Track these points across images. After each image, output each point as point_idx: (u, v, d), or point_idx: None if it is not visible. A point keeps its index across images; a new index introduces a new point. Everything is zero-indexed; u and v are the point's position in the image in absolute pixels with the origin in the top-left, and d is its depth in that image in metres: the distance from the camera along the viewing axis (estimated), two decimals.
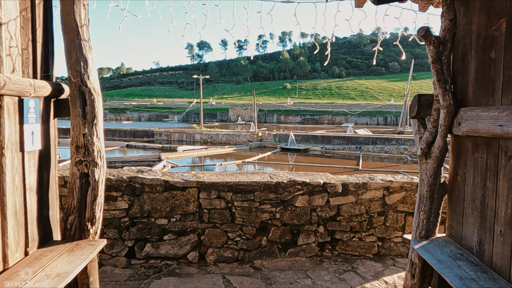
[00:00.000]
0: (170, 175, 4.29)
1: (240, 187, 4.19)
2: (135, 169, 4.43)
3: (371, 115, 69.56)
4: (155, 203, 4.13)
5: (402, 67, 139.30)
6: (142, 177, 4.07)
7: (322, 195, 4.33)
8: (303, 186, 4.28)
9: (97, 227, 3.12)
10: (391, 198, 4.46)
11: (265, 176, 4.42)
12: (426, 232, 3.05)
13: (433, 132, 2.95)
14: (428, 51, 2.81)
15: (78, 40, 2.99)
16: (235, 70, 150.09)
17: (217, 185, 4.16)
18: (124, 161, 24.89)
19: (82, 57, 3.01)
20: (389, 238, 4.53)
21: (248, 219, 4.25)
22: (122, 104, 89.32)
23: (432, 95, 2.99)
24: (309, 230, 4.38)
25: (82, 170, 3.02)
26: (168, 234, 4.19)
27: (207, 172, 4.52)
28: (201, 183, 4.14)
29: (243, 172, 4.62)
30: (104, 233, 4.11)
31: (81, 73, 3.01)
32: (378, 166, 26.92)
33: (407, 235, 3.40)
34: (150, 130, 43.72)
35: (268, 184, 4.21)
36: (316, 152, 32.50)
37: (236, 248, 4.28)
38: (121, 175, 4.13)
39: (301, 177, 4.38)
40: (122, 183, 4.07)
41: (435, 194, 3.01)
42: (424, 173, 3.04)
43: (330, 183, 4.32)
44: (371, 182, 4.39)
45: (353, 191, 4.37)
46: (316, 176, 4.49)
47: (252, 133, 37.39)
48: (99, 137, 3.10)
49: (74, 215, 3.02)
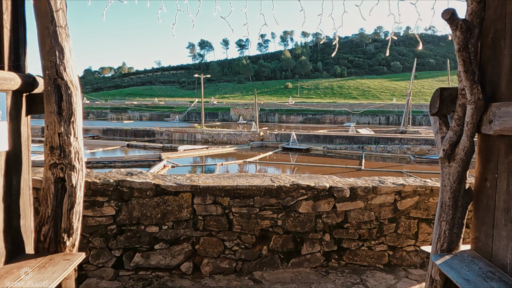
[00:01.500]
0: (162, 178, 3.92)
1: (239, 191, 3.82)
2: (124, 172, 4.07)
3: (373, 115, 69.18)
4: (145, 209, 3.76)
5: (404, 66, 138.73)
6: (130, 181, 3.71)
7: (328, 200, 3.96)
8: (307, 190, 3.90)
9: (75, 239, 2.76)
10: (403, 203, 4.08)
11: (266, 179, 4.05)
12: (448, 245, 2.67)
13: (457, 131, 2.58)
14: (454, 38, 2.43)
15: (53, 27, 2.63)
16: (237, 70, 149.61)
17: (213, 190, 3.78)
18: (124, 160, 24.60)
19: (57, 46, 2.65)
20: (400, 246, 4.15)
21: (247, 227, 3.88)
22: (123, 103, 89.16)
23: (457, 89, 2.61)
24: (313, 238, 4.01)
25: (57, 174, 2.66)
26: (160, 243, 3.82)
27: (203, 175, 4.15)
28: (195, 188, 3.77)
29: (242, 174, 4.25)
30: (89, 242, 3.75)
31: (56, 64, 2.64)
32: (381, 166, 26.57)
33: (425, 247, 3.02)
34: (151, 129, 43.47)
35: (269, 189, 3.84)
36: (318, 152, 32.16)
37: (233, 258, 3.91)
38: (107, 178, 3.76)
39: (305, 181, 4.01)
40: (108, 187, 3.71)
41: (459, 201, 2.64)
42: (446, 178, 2.66)
43: (337, 187, 3.95)
44: (382, 186, 4.01)
45: (362, 196, 4.00)
46: (322, 179, 4.12)
47: (253, 133, 37.06)
48: (77, 136, 2.74)
49: (49, 225, 2.66)
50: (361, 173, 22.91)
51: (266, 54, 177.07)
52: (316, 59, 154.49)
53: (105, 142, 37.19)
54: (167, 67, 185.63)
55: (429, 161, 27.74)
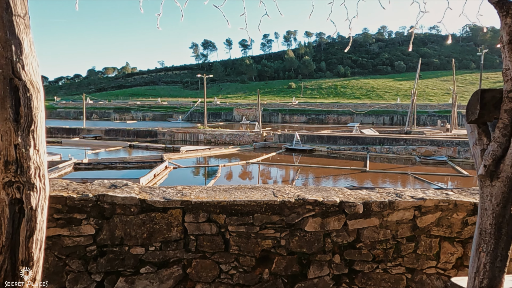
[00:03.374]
0: (149, 192, 3.45)
1: (236, 207, 3.33)
2: (107, 184, 3.60)
3: (377, 115, 68.61)
4: (129, 228, 3.29)
5: (407, 66, 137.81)
6: (112, 196, 3.24)
7: (338, 216, 3.47)
8: (315, 206, 3.42)
9: (36, 272, 2.29)
10: (424, 220, 3.59)
11: (267, 192, 3.56)
12: (490, 281, 2.19)
13: (502, 143, 2.09)
14: (503, 27, 1.95)
15: (7, 15, 2.16)
16: (240, 70, 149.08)
17: (207, 206, 3.31)
18: (125, 162, 24.26)
19: (14, 39, 2.18)
20: (420, 269, 3.66)
21: (246, 247, 3.40)
22: (126, 103, 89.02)
23: (501, 91, 2.13)
24: (322, 260, 3.52)
25: (13, 194, 2.19)
26: (146, 266, 3.35)
27: (196, 187, 3.68)
28: (186, 203, 3.29)
29: (240, 186, 3.77)
30: (66, 265, 3.29)
31: (13, 60, 2.18)
32: (386, 167, 26.07)
33: (458, 279, 2.54)
34: (153, 130, 43.17)
35: (271, 204, 3.36)
36: (321, 153, 31.72)
37: (230, 283, 3.43)
38: (86, 192, 3.30)
39: (312, 194, 3.52)
40: (87, 203, 3.24)
41: (503, 229, 2.16)
42: (488, 200, 2.18)
43: (348, 202, 3.46)
44: (399, 201, 3.52)
45: (377, 212, 3.51)
46: (331, 193, 3.63)
47: (256, 133, 36.61)
48: (38, 148, 2.27)
49: (3, 256, 2.19)
50: (366, 175, 22.43)
51: (269, 54, 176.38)
52: (319, 59, 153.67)
53: (107, 142, 36.95)
54: (170, 67, 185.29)
55: (435, 162, 27.23)
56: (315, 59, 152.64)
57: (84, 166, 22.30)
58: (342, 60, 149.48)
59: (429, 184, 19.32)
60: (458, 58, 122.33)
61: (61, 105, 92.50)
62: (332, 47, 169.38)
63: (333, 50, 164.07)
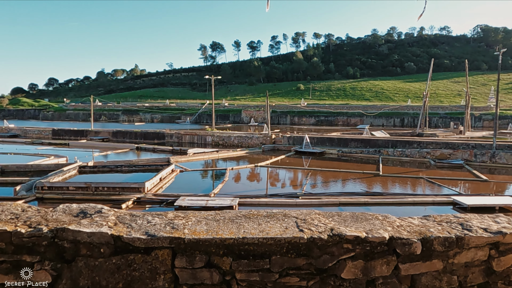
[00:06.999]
0: (128, 224, 2.53)
1: (247, 247, 2.41)
2: (75, 210, 2.69)
3: (387, 116, 67.47)
4: (98, 275, 2.37)
5: (418, 67, 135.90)
6: (74, 230, 2.33)
7: (387, 259, 2.52)
8: (356, 244, 2.48)
9: None
10: (502, 261, 2.63)
11: (289, 223, 2.62)
12: None
13: None
14: None
15: None
16: (248, 71, 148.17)
17: (206, 245, 2.38)
18: (131, 164, 23.56)
19: None
20: None
21: None
22: (135, 105, 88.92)
23: None
24: None
25: None
26: None
27: (192, 215, 2.74)
28: (177, 241, 2.37)
29: (252, 214, 2.82)
30: None
31: None
32: (399, 171, 24.98)
33: None
34: (161, 132, 42.56)
35: (295, 242, 2.42)
36: (332, 156, 30.77)
37: None
38: (40, 226, 2.39)
39: (350, 227, 2.58)
40: (40, 241, 2.34)
41: None
42: None
43: (401, 238, 2.51)
44: (470, 236, 2.56)
45: (440, 252, 2.56)
46: (375, 225, 2.67)
47: (265, 135, 35.72)
48: None
49: None
50: (379, 179, 21.40)
51: (278, 56, 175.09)
52: (328, 60, 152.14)
53: (114, 144, 36.47)
54: (179, 69, 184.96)
55: (450, 166, 26.09)
56: (324, 60, 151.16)
57: (89, 169, 21.61)
58: (351, 62, 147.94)
59: (449, 189, 18.21)
60: (469, 59, 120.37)
61: (71, 107, 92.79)
62: (341, 48, 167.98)
63: (342, 51, 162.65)
